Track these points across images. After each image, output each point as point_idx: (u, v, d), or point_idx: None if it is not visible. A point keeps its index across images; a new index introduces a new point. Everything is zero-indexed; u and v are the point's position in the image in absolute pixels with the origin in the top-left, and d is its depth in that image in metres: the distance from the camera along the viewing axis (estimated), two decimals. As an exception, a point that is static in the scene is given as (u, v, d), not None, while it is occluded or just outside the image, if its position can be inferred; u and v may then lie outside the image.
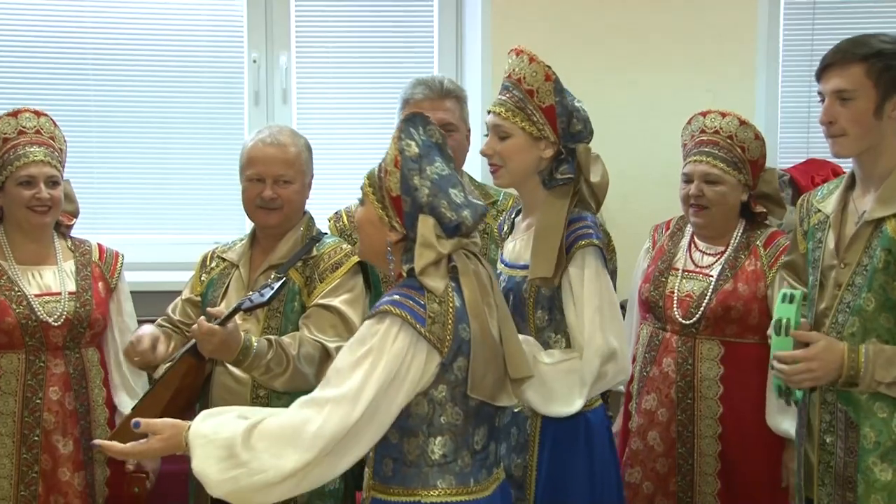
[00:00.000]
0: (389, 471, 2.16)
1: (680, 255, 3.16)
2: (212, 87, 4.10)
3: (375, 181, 2.20)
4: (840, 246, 2.54)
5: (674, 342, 3.08)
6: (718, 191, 3.05)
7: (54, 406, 2.95)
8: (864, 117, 2.45)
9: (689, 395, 3.05)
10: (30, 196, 2.95)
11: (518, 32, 3.84)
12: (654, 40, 3.88)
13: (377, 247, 2.21)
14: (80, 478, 2.99)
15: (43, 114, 3.07)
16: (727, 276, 3.03)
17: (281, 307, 2.80)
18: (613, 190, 3.34)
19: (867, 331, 2.47)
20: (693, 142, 3.13)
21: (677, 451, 3.07)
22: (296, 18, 4.11)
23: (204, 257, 3.05)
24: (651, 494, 3.11)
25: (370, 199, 2.20)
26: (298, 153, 2.90)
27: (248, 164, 2.88)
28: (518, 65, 2.61)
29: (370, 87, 4.13)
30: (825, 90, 2.49)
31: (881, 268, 2.44)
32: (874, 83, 2.43)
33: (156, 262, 3.87)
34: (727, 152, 3.06)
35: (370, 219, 2.20)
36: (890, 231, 2.44)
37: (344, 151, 4.08)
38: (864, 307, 2.47)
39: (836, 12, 4.09)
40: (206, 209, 4.13)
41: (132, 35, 4.04)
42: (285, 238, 2.90)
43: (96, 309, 3.02)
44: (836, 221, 2.57)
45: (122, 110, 4.05)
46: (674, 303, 3.08)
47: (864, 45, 2.46)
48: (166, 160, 4.10)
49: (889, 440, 2.45)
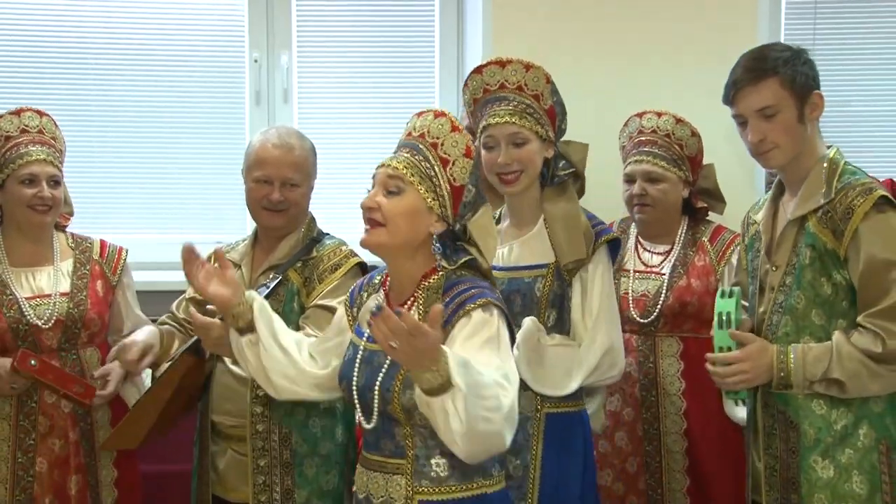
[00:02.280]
0: (443, 470, 2.15)
1: (628, 257, 3.23)
2: (213, 86, 4.09)
3: (421, 170, 2.18)
4: (770, 249, 2.57)
5: (633, 341, 3.13)
6: (660, 188, 3.14)
7: (49, 409, 2.93)
8: (793, 126, 2.47)
9: (652, 393, 3.11)
10: (31, 195, 2.94)
11: (518, 32, 3.84)
12: (655, 40, 3.87)
13: (415, 239, 2.20)
14: (76, 481, 2.96)
15: (45, 114, 3.07)
16: (680, 273, 3.11)
17: (280, 308, 2.81)
18: (614, 190, 3.36)
19: (800, 329, 2.48)
20: (632, 143, 3.22)
21: (644, 449, 3.13)
22: (297, 18, 4.11)
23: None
24: (622, 495, 3.15)
25: (415, 188, 2.17)
26: (306, 156, 2.91)
27: (256, 166, 2.87)
28: (514, 75, 2.64)
29: (371, 86, 4.13)
30: (745, 111, 2.49)
31: (808, 264, 2.46)
32: (790, 92, 2.46)
33: (156, 261, 3.86)
34: (666, 150, 3.15)
35: (412, 209, 2.18)
36: (812, 227, 2.46)
37: (345, 151, 4.08)
38: (795, 305, 2.49)
39: (838, 13, 4.09)
40: (207, 209, 4.13)
41: (133, 34, 4.03)
42: (286, 239, 2.90)
43: (91, 309, 3.00)
44: (767, 227, 2.60)
45: (123, 110, 4.05)
46: (629, 303, 3.14)
47: (767, 58, 2.49)
48: (167, 160, 4.09)
49: (828, 436, 2.45)
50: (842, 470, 2.44)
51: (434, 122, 2.22)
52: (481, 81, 2.67)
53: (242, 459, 2.80)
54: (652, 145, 3.16)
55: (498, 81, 2.65)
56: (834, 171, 2.49)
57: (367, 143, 4.10)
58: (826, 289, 2.45)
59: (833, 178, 2.47)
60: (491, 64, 2.67)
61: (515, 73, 2.63)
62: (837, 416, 2.45)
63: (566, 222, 2.64)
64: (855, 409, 2.45)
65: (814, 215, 2.46)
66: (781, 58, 2.48)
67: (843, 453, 2.44)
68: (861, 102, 4.13)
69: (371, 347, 2.22)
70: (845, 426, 2.45)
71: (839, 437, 2.45)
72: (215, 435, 2.86)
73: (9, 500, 2.89)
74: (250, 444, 2.76)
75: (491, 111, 2.65)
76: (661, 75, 3.85)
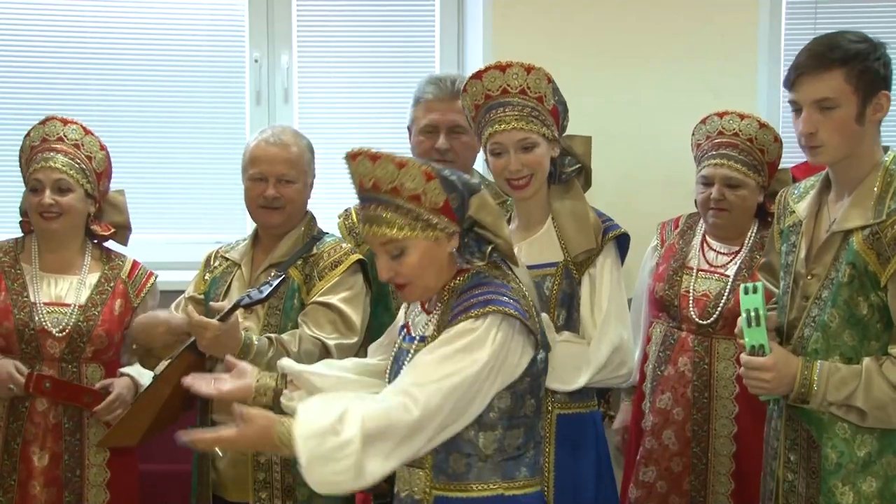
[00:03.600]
0: (462, 467, 2.15)
1: (693, 255, 3.15)
2: (213, 86, 4.09)
3: (405, 222, 2.13)
4: (809, 255, 2.44)
5: (690, 341, 3.07)
6: (739, 195, 3.05)
7: (37, 417, 2.93)
8: (848, 125, 2.31)
9: (704, 395, 3.05)
10: (37, 202, 2.95)
11: (520, 32, 3.85)
12: (656, 40, 3.87)
13: (443, 268, 2.18)
14: (50, 494, 2.94)
15: (71, 121, 3.07)
16: (745, 276, 3.02)
17: (281, 305, 2.81)
18: (617, 190, 3.37)
19: (830, 347, 2.37)
20: (710, 143, 3.11)
21: (692, 450, 3.07)
22: (297, 18, 4.10)
23: (208, 256, 3.07)
24: (665, 493, 3.11)
25: (416, 238, 2.13)
26: (301, 153, 2.91)
27: (251, 164, 2.89)
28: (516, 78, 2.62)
29: (372, 86, 4.12)
30: (802, 100, 2.33)
31: (846, 282, 2.34)
32: (854, 88, 2.30)
33: (157, 261, 3.84)
34: (747, 155, 3.05)
35: (425, 256, 2.14)
36: (856, 245, 2.33)
37: (345, 151, 4.06)
38: (828, 323, 2.37)
39: (839, 12, 4.08)
40: (207, 209, 4.12)
41: (133, 34, 4.03)
42: (286, 237, 2.91)
43: (101, 325, 2.99)
44: (809, 228, 2.46)
45: (123, 110, 4.04)
46: (689, 302, 3.08)
47: (837, 47, 2.31)
48: (167, 160, 4.09)
49: (850, 462, 2.36)
50: (862, 498, 2.35)
51: (375, 168, 2.16)
52: (482, 87, 2.65)
53: (242, 458, 2.80)
54: (733, 148, 3.05)
55: (500, 86, 2.63)
56: (888, 184, 2.33)
57: (368, 143, 4.08)
58: (862, 309, 2.33)
59: (887, 195, 2.32)
60: (491, 69, 2.64)
61: (517, 77, 2.62)
62: (861, 443, 2.36)
63: (574, 216, 2.64)
64: (879, 437, 2.35)
65: (860, 232, 2.32)
66: (853, 49, 2.30)
67: (865, 481, 2.35)
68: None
69: (400, 346, 2.27)
70: (868, 454, 2.36)
71: (861, 465, 2.36)
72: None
73: None
74: (251, 442, 2.76)
75: (496, 117, 2.64)
76: (661, 74, 3.85)
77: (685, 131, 3.28)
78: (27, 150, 3.03)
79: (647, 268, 3.29)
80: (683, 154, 3.34)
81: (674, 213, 3.37)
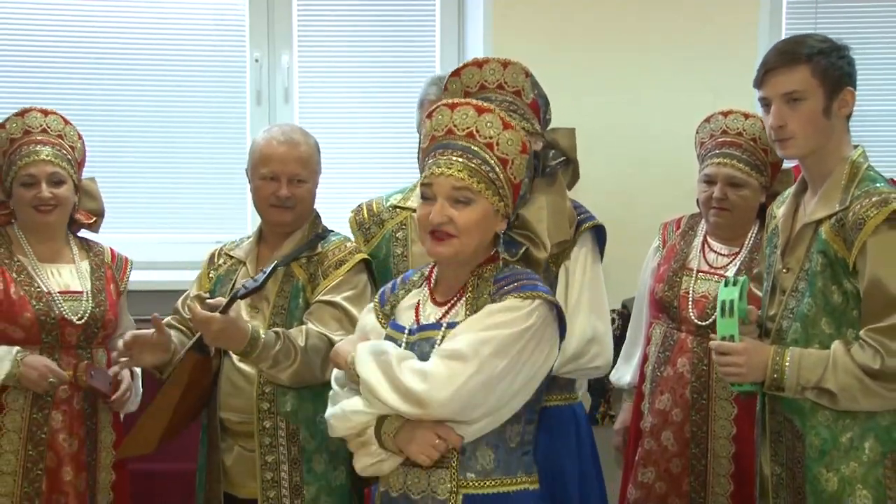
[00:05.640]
0: (490, 462, 2.15)
1: (693, 256, 3.15)
2: (214, 86, 4.09)
3: (484, 175, 2.16)
4: (785, 250, 2.50)
5: (689, 343, 3.07)
6: (741, 194, 3.05)
7: (63, 405, 2.94)
8: (815, 118, 2.41)
9: (703, 396, 3.05)
10: (32, 196, 2.95)
11: (519, 32, 3.85)
12: (656, 40, 3.88)
13: (484, 242, 2.21)
14: (82, 479, 2.97)
15: (51, 112, 3.06)
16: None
17: (286, 304, 2.81)
18: (617, 189, 3.37)
19: (809, 336, 2.41)
20: (713, 142, 3.10)
21: (691, 451, 3.07)
22: (298, 18, 4.10)
23: (212, 255, 3.06)
24: (664, 494, 3.10)
25: (485, 195, 2.16)
26: (311, 152, 2.91)
27: (262, 163, 2.87)
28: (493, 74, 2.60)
29: (372, 86, 4.12)
30: (771, 94, 2.43)
31: (819, 271, 2.39)
32: (820, 82, 2.40)
33: (157, 261, 3.86)
34: (750, 155, 3.05)
35: (483, 217, 2.17)
36: (824, 234, 2.39)
37: (346, 151, 4.07)
38: (805, 313, 2.42)
39: (839, 11, 4.09)
40: (208, 208, 4.12)
41: (134, 34, 4.02)
42: (292, 236, 2.90)
43: (109, 310, 3.04)
44: (785, 225, 2.53)
45: (124, 109, 4.04)
46: (689, 303, 3.07)
47: (803, 44, 2.43)
48: (168, 159, 4.08)
49: (834, 449, 2.38)
50: (846, 483, 2.37)
51: (480, 119, 2.18)
52: (460, 84, 2.64)
53: (250, 456, 2.79)
54: (736, 148, 3.05)
55: (477, 82, 2.62)
56: (854, 175, 2.42)
57: (368, 143, 4.10)
58: (836, 297, 2.38)
59: (851, 184, 2.40)
60: (469, 66, 2.64)
61: (493, 73, 2.60)
62: (843, 429, 2.38)
63: (552, 208, 2.60)
64: (861, 422, 2.37)
65: (828, 221, 2.39)
66: (818, 47, 2.42)
67: (848, 466, 2.37)
68: (861, 102, 4.11)
69: (411, 340, 2.23)
70: (850, 439, 2.37)
71: (844, 450, 2.37)
72: (222, 432, 2.85)
73: (17, 493, 2.89)
74: (258, 441, 2.76)
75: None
76: (661, 74, 3.86)
77: (685, 131, 3.29)
78: (5, 142, 3.01)
79: (649, 269, 3.29)
80: (683, 154, 3.35)
81: (674, 213, 3.37)
